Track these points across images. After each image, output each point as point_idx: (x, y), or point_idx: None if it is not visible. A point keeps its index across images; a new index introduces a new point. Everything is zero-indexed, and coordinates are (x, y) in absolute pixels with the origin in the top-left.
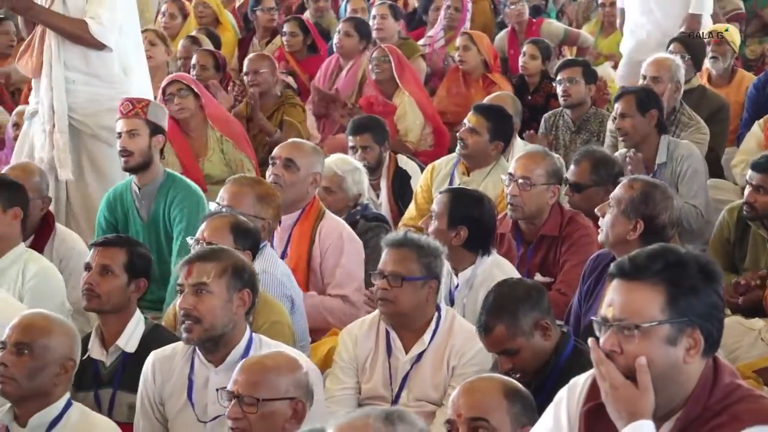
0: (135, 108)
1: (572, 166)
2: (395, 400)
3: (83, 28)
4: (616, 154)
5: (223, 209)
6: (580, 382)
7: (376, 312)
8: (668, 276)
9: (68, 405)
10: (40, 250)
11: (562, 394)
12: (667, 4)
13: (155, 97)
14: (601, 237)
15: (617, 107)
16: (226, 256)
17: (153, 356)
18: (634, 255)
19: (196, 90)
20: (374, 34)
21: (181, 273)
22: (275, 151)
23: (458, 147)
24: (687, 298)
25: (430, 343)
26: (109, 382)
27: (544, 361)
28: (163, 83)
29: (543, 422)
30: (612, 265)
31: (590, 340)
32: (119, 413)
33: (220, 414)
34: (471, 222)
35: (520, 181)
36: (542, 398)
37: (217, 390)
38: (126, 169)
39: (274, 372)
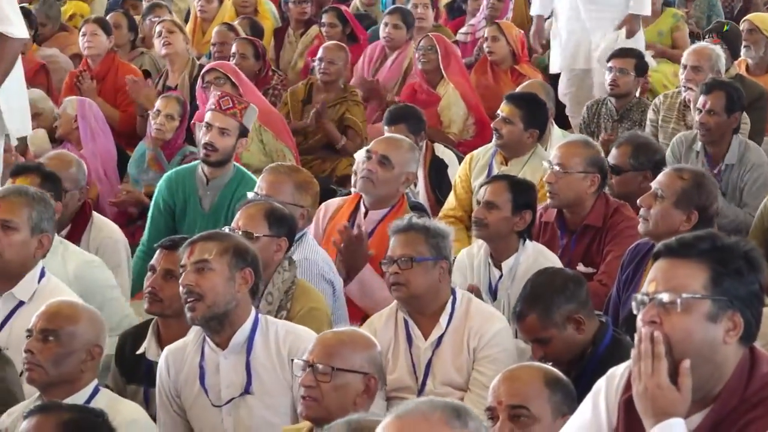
0: (234, 108)
1: (614, 149)
2: (421, 389)
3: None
4: (676, 137)
5: (262, 198)
6: (618, 372)
7: (393, 303)
8: (713, 256)
9: (95, 391)
10: (77, 240)
11: (601, 384)
12: (597, 8)
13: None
14: (644, 228)
15: (705, 101)
16: (228, 238)
17: (166, 351)
18: (682, 236)
19: (233, 79)
20: (416, 23)
21: (184, 254)
22: (372, 145)
23: (494, 137)
24: (730, 280)
25: (447, 326)
26: None
27: (577, 352)
28: (203, 70)
29: (581, 412)
30: (658, 245)
31: (638, 323)
32: None
33: (234, 397)
34: (532, 207)
35: (556, 168)
36: (581, 388)
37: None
38: (205, 163)
39: (350, 345)
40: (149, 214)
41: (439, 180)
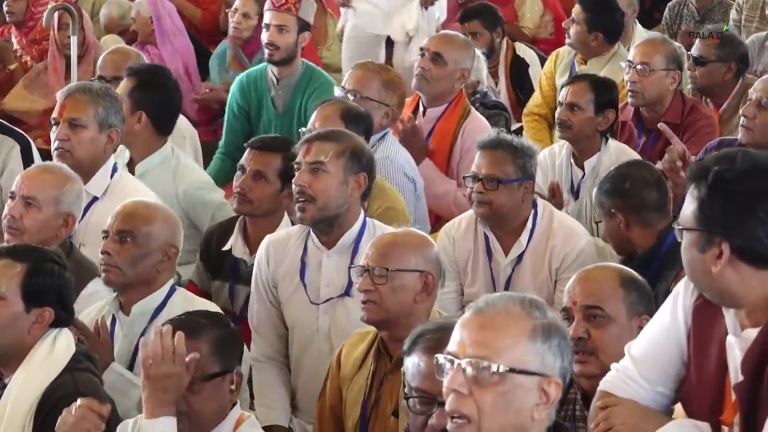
0: (288, 3)
1: (698, 41)
2: None
3: None
4: (748, 39)
5: (348, 94)
6: None
7: (470, 213)
8: (706, 184)
9: (172, 291)
10: None
11: (679, 288)
12: None
13: None
14: (747, 138)
15: None
16: (347, 138)
17: (267, 240)
18: (704, 159)
19: None
20: None
21: (300, 151)
22: (425, 44)
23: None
24: (715, 207)
25: (528, 243)
26: (248, 280)
27: (624, 246)
28: None
29: (661, 313)
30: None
31: None
32: None
33: (332, 296)
34: (614, 105)
35: (638, 67)
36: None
37: (350, 267)
38: (270, 62)
39: (403, 246)
40: (225, 117)
41: (520, 79)
